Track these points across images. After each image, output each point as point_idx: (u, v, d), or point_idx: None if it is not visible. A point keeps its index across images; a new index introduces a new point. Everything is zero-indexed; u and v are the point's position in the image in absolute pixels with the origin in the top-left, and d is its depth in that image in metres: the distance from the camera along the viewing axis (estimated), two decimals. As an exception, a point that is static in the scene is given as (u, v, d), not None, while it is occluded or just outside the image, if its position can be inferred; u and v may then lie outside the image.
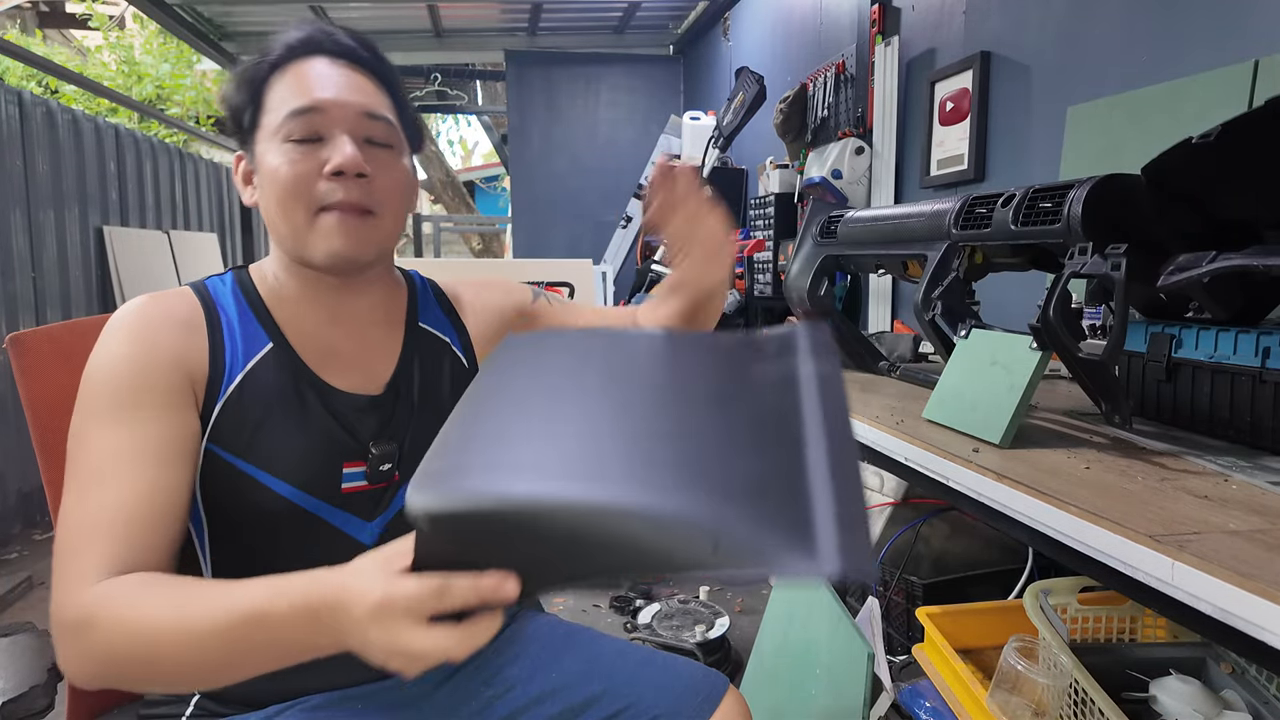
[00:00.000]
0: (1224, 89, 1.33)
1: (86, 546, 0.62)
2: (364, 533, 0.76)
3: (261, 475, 0.71)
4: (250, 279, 0.79)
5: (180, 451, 0.68)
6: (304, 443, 0.73)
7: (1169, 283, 0.83)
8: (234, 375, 0.72)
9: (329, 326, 0.78)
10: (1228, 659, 1.07)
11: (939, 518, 1.74)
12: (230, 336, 0.74)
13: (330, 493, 0.74)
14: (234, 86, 0.75)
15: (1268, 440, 0.83)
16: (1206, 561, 0.53)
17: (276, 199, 0.72)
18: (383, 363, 0.81)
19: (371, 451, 0.75)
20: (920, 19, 2.42)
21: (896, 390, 1.26)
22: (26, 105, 3.17)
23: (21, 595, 2.53)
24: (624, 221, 4.96)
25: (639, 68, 5.39)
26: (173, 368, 0.69)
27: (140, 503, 0.64)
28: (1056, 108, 1.79)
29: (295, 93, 0.72)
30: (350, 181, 0.71)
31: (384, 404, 0.78)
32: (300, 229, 0.72)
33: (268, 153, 0.72)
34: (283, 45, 0.75)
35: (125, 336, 0.69)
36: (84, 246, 3.58)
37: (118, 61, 6.52)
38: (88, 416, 0.67)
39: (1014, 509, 0.74)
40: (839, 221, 1.42)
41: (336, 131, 0.72)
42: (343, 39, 0.76)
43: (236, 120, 0.76)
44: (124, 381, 0.67)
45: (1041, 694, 1.00)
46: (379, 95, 0.76)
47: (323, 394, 0.75)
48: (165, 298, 0.74)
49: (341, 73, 0.74)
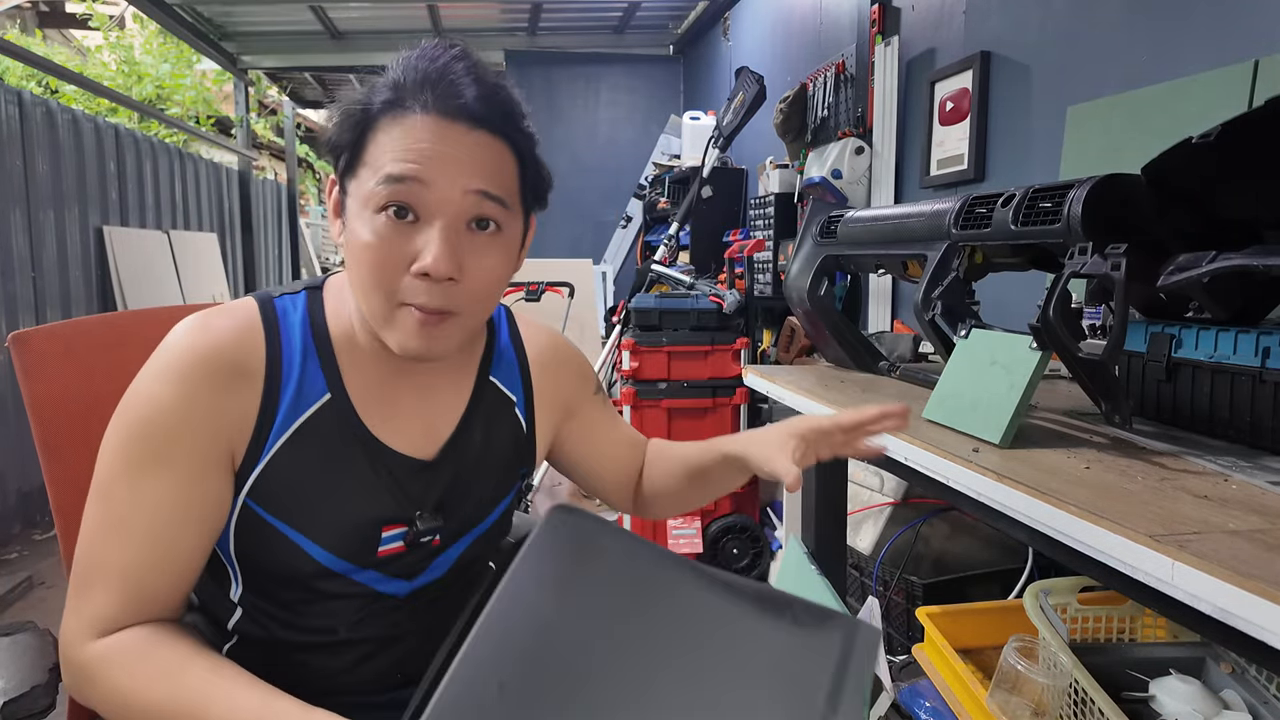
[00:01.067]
0: (1224, 89, 1.33)
1: (96, 591, 0.63)
2: (399, 589, 0.75)
3: (298, 538, 0.69)
4: (323, 312, 0.72)
5: (203, 516, 0.66)
6: (345, 509, 0.70)
7: (1169, 283, 0.83)
8: (285, 429, 0.68)
9: (394, 379, 0.73)
10: (1227, 659, 1.07)
11: (939, 518, 1.74)
12: (287, 382, 0.68)
13: (365, 558, 0.72)
14: (337, 125, 0.67)
15: (1267, 440, 0.83)
16: (1206, 561, 0.53)
17: (358, 278, 0.66)
18: (444, 420, 0.76)
19: (416, 525, 0.72)
20: (920, 19, 2.42)
21: (897, 390, 1.26)
22: (26, 105, 3.17)
23: (21, 595, 2.53)
24: (624, 221, 4.96)
25: (639, 68, 5.40)
26: (215, 431, 0.65)
27: (157, 563, 0.64)
28: (1056, 108, 1.79)
29: (396, 154, 0.62)
30: (435, 286, 0.64)
31: (436, 469, 0.74)
32: (377, 315, 0.66)
33: (356, 216, 0.65)
34: (393, 84, 0.65)
35: (173, 379, 0.64)
36: (84, 246, 3.58)
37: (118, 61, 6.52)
38: (120, 455, 0.65)
39: (1014, 509, 0.74)
40: (839, 221, 1.42)
41: (435, 216, 0.63)
42: (468, 96, 0.64)
43: (334, 158, 0.68)
44: (161, 433, 0.64)
45: (1041, 694, 1.00)
46: (498, 165, 0.66)
47: (373, 454, 0.71)
48: (227, 329, 0.67)
49: (457, 136, 0.64)
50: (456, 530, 0.76)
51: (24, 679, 0.67)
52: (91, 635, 0.63)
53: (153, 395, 0.65)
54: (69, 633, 0.64)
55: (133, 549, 0.64)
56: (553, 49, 5.36)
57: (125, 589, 0.63)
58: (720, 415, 2.53)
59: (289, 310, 0.71)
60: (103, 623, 0.63)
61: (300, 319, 0.71)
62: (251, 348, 0.68)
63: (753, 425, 2.55)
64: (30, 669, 0.68)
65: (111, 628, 0.63)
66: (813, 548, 1.45)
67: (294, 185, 6.99)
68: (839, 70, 2.83)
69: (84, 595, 0.64)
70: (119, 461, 0.65)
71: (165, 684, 0.59)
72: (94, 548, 0.64)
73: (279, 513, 0.68)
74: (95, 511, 0.65)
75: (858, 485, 1.92)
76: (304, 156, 10.13)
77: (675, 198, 4.09)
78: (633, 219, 4.85)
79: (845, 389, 1.27)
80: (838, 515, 1.47)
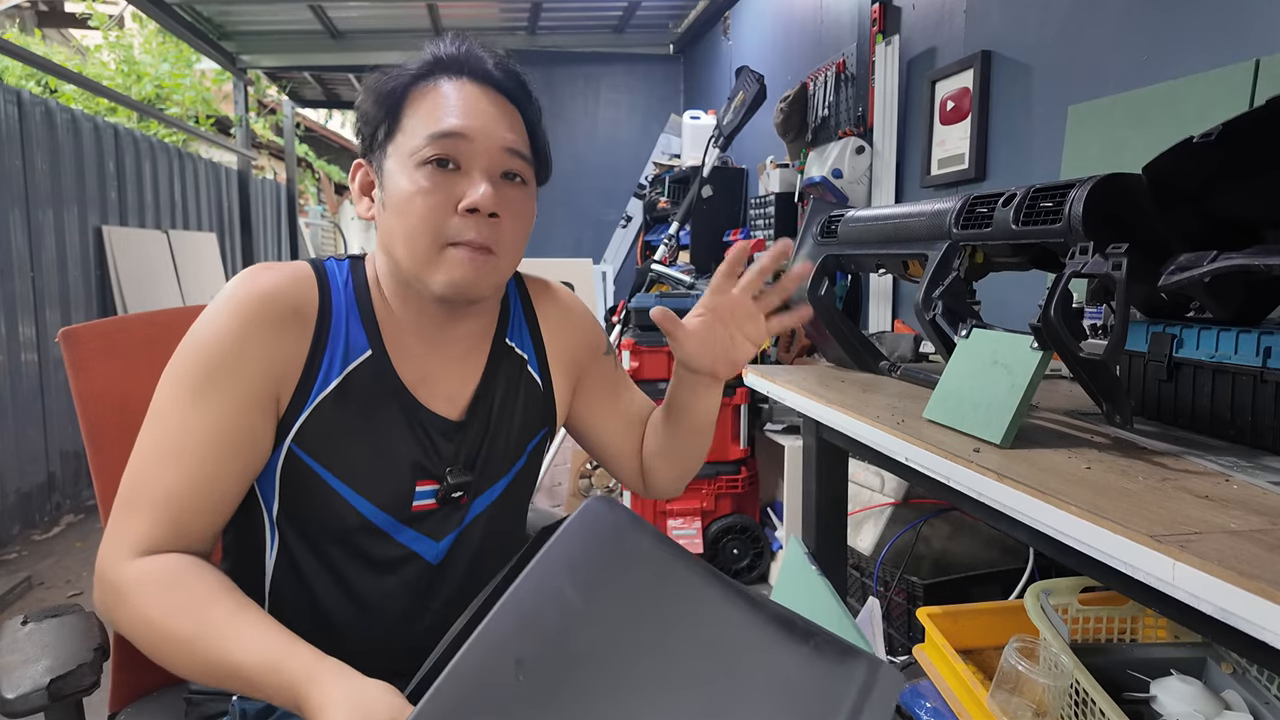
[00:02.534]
0: (1225, 88, 1.33)
1: (141, 513, 0.67)
2: (431, 551, 0.78)
3: (341, 487, 0.73)
4: (365, 276, 0.78)
5: (246, 447, 0.70)
6: (387, 460, 0.75)
7: (1170, 282, 0.83)
8: (330, 378, 0.73)
9: (426, 344, 0.78)
10: (1228, 659, 1.06)
11: (940, 518, 1.74)
12: (335, 335, 0.74)
13: (402, 511, 0.76)
14: (370, 97, 0.74)
15: (1268, 440, 0.82)
16: (1207, 561, 0.53)
17: (404, 225, 0.71)
18: (466, 382, 0.81)
19: (448, 480, 0.77)
20: (921, 18, 2.42)
21: (897, 390, 1.26)
22: (25, 104, 3.17)
23: (21, 595, 2.53)
24: (624, 221, 4.96)
25: (639, 67, 5.40)
26: (266, 368, 0.70)
27: (198, 491, 0.68)
28: (1057, 107, 1.79)
29: (439, 113, 0.71)
30: (481, 220, 0.70)
31: (464, 429, 0.79)
32: (422, 259, 0.71)
33: (399, 172, 0.71)
34: (429, 57, 0.74)
35: (233, 314, 0.69)
36: (83, 246, 3.57)
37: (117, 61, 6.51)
38: (177, 382, 0.69)
39: (1015, 509, 0.74)
40: (839, 221, 1.42)
41: (475, 164, 0.71)
42: (491, 66, 0.74)
43: (371, 131, 0.74)
44: (215, 364, 0.68)
45: (1042, 694, 1.00)
46: (520, 129, 0.75)
47: (410, 411, 0.76)
48: (285, 275, 0.73)
49: (488, 100, 0.73)
50: (480, 486, 0.81)
51: (70, 657, 0.71)
52: (129, 555, 0.65)
53: (213, 327, 0.69)
54: (108, 552, 0.66)
55: (179, 471, 0.67)
56: (552, 48, 5.35)
57: (168, 512, 0.66)
58: (720, 415, 2.52)
59: (335, 271, 0.77)
60: (142, 544, 0.66)
61: (345, 279, 0.77)
62: (307, 294, 0.73)
63: (753, 425, 2.55)
64: (76, 648, 0.72)
65: (149, 550, 0.66)
66: (813, 548, 1.45)
67: (293, 185, 6.99)
68: (839, 69, 2.83)
69: (127, 517, 0.67)
70: (176, 388, 0.69)
71: (190, 617, 0.61)
72: (143, 470, 0.68)
73: (324, 460, 0.72)
74: (148, 436, 0.69)
75: (858, 485, 1.92)
76: (303, 156, 10.13)
77: (675, 197, 4.09)
78: (633, 219, 4.84)
79: (845, 389, 1.27)
80: (838, 515, 1.47)
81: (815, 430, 1.38)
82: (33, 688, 0.66)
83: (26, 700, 0.66)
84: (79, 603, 0.82)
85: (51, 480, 3.30)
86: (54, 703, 0.67)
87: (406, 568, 0.77)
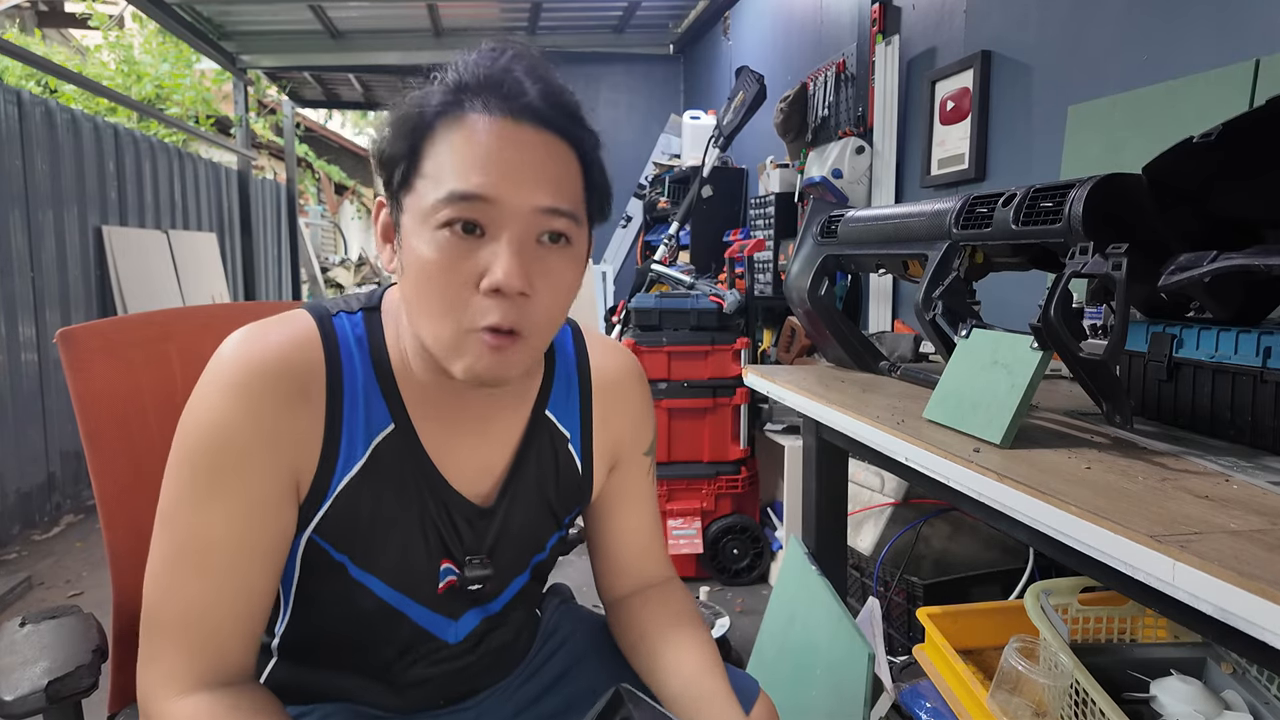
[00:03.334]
0: (1225, 88, 1.32)
1: (173, 638, 0.61)
2: (449, 632, 0.74)
3: (363, 576, 0.67)
4: (382, 335, 0.68)
5: (273, 549, 0.64)
6: (412, 546, 0.68)
7: (1170, 282, 0.83)
8: (353, 461, 0.65)
9: (452, 412, 0.69)
10: (1228, 659, 1.06)
11: (940, 518, 1.74)
12: (351, 409, 0.65)
13: (427, 595, 0.71)
14: (391, 134, 0.62)
15: (1268, 440, 0.82)
16: (1207, 561, 0.53)
17: (419, 300, 0.61)
18: (498, 457, 0.73)
19: (464, 571, 0.71)
20: (921, 18, 2.42)
21: (897, 390, 1.26)
22: (25, 105, 3.17)
23: (21, 595, 2.52)
24: (624, 221, 4.95)
25: (639, 67, 5.39)
26: (280, 451, 0.62)
27: (228, 602, 0.62)
28: (1057, 107, 1.79)
29: (461, 168, 0.58)
30: (506, 303, 0.59)
31: (491, 516, 0.72)
32: (445, 343, 0.61)
33: (417, 234, 0.60)
34: (455, 80, 0.60)
35: (232, 391, 0.60)
36: (83, 246, 3.57)
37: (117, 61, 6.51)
38: (185, 476, 0.61)
39: (1015, 509, 0.74)
40: (839, 221, 1.42)
41: (504, 230, 0.59)
42: (533, 96, 0.60)
43: (388, 172, 0.62)
44: (227, 450, 0.60)
45: (1042, 694, 1.00)
46: (567, 172, 0.62)
47: (437, 492, 0.69)
48: (284, 342, 0.63)
49: (525, 142, 0.60)
50: (501, 581, 0.75)
51: (68, 659, 0.70)
52: (173, 693, 0.61)
53: (215, 411, 0.60)
54: (147, 687, 0.62)
55: (204, 583, 0.61)
56: (552, 48, 5.26)
57: (200, 633, 0.61)
58: (720, 415, 2.52)
59: (347, 332, 0.67)
60: (181, 678, 0.61)
61: (359, 341, 0.67)
62: (312, 365, 0.64)
63: (753, 425, 2.55)
64: (75, 650, 0.72)
65: (192, 685, 0.61)
66: (813, 548, 1.45)
67: (293, 185, 6.99)
68: (839, 69, 2.83)
69: (160, 642, 0.62)
70: (184, 486, 0.61)
71: None
72: (166, 584, 0.62)
73: (348, 549, 0.66)
74: (164, 544, 0.62)
75: (858, 485, 1.92)
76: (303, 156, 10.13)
77: (675, 197, 4.09)
78: (633, 219, 4.84)
79: (845, 389, 1.27)
80: (838, 515, 1.47)
81: (815, 430, 1.38)
82: (31, 689, 0.66)
83: (25, 702, 0.65)
84: (78, 603, 0.81)
85: (51, 480, 3.29)
86: (52, 705, 0.67)
87: (420, 646, 0.73)
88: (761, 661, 1.52)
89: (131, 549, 0.85)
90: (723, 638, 1.95)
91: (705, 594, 2.46)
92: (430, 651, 0.74)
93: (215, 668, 0.62)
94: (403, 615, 0.70)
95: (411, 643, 0.72)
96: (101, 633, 0.77)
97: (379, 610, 0.69)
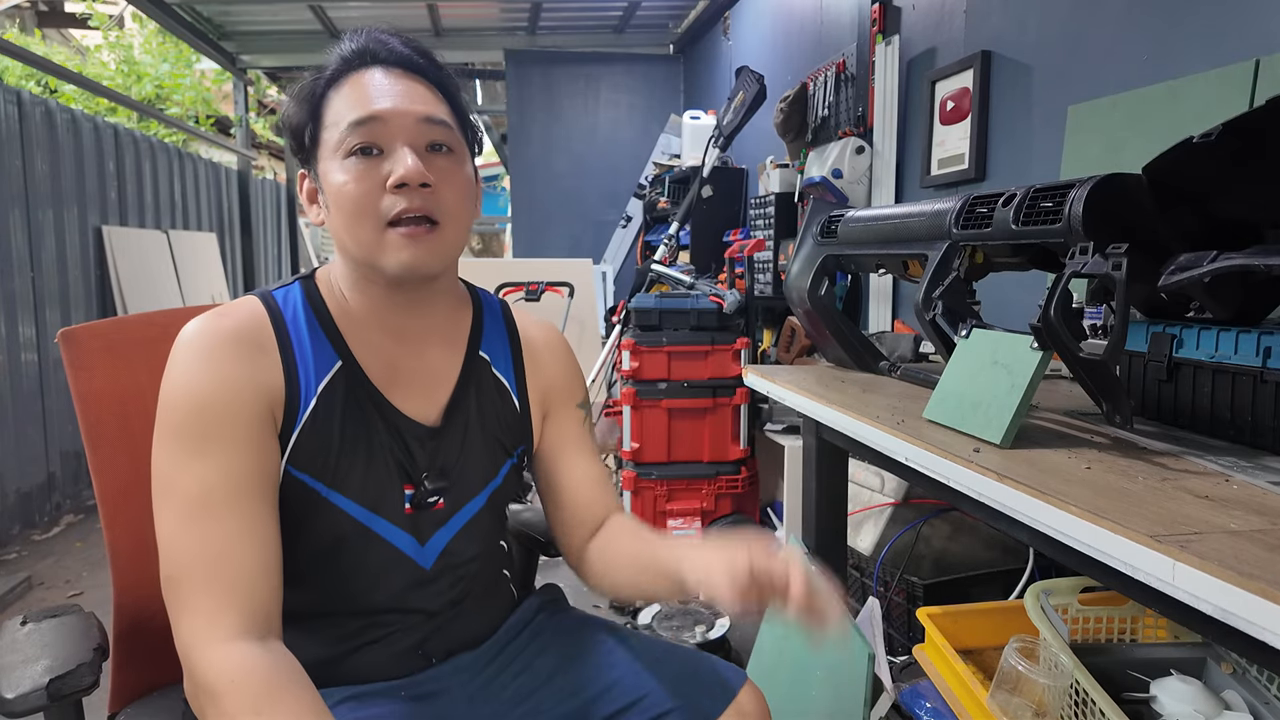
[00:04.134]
0: (1225, 88, 1.32)
1: (198, 588, 0.64)
2: (422, 556, 0.79)
3: (335, 497, 0.74)
4: (318, 291, 0.78)
5: (267, 482, 0.70)
6: (374, 465, 0.75)
7: (1170, 282, 0.83)
8: (309, 396, 0.73)
9: (394, 344, 0.79)
10: (1228, 659, 1.06)
11: (940, 518, 1.74)
12: (301, 355, 0.74)
13: (395, 514, 0.77)
14: (293, 104, 0.75)
15: (1268, 440, 0.82)
16: (1207, 562, 0.53)
17: (344, 216, 0.72)
18: (441, 386, 0.81)
19: (424, 484, 0.77)
20: (921, 18, 2.42)
21: (897, 390, 1.26)
22: (25, 105, 3.17)
23: (21, 595, 2.52)
24: (624, 221, 4.96)
25: (639, 67, 5.39)
26: (252, 394, 0.69)
27: (247, 543, 0.66)
28: (1057, 107, 1.79)
29: (353, 105, 0.72)
30: (414, 192, 0.71)
31: (441, 435, 0.79)
32: (369, 245, 0.72)
33: (331, 170, 0.72)
34: (337, 58, 0.75)
35: (198, 359, 0.69)
36: (83, 246, 3.57)
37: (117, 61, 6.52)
38: (174, 445, 0.67)
39: (1015, 509, 0.74)
40: (839, 221, 1.42)
41: (397, 143, 0.72)
42: (397, 47, 0.76)
43: (298, 139, 0.76)
44: (207, 411, 0.67)
45: (1042, 694, 1.00)
46: (437, 101, 0.76)
47: (388, 416, 0.77)
48: (233, 314, 0.73)
49: (398, 81, 0.74)
50: (457, 498, 0.81)
51: (69, 657, 0.70)
52: (211, 640, 0.63)
53: (187, 379, 0.68)
54: (185, 637, 0.64)
55: (215, 524, 0.65)
56: (553, 49, 5.35)
57: (225, 574, 0.65)
58: (720, 415, 2.53)
59: (285, 296, 0.77)
60: (217, 626, 0.63)
61: (299, 300, 0.77)
62: (260, 327, 0.73)
63: (753, 425, 2.55)
64: (76, 648, 0.72)
65: (228, 629, 0.63)
66: (813, 548, 1.45)
67: (293, 185, 6.99)
68: (839, 69, 2.83)
69: (187, 595, 0.64)
70: (175, 454, 0.67)
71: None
72: (180, 542, 0.65)
73: (319, 474, 0.73)
74: (166, 511, 0.67)
75: (858, 485, 1.92)
76: (304, 156, 10.10)
77: (675, 197, 4.09)
78: (633, 219, 4.84)
79: (845, 389, 1.27)
80: (838, 515, 1.47)
81: (815, 430, 1.38)
82: (32, 688, 0.66)
83: (26, 700, 0.66)
84: (78, 603, 0.82)
85: (51, 480, 3.29)
86: (53, 703, 0.67)
87: (397, 569, 0.78)
88: (761, 661, 1.52)
89: (131, 549, 0.86)
90: (723, 638, 1.95)
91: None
92: (406, 575, 0.78)
93: (250, 611, 0.65)
94: (376, 535, 0.76)
95: (387, 565, 0.77)
96: (102, 631, 0.77)
97: (354, 531, 0.75)
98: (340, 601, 0.77)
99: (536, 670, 0.84)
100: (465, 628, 0.84)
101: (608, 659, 0.85)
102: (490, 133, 7.97)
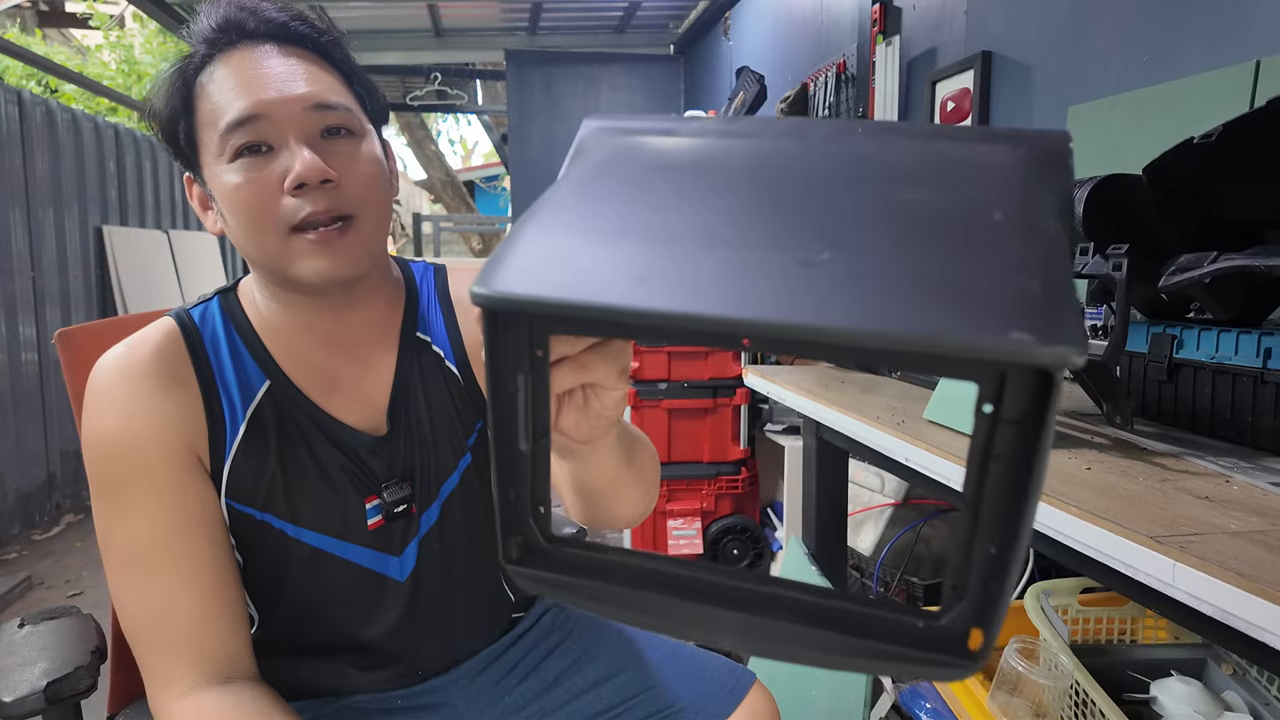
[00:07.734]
0: (1225, 89, 1.32)
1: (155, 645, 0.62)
2: (393, 568, 0.74)
3: (287, 527, 0.69)
4: (239, 305, 0.71)
5: (204, 522, 0.65)
6: (324, 487, 0.70)
7: (1170, 283, 0.83)
8: (237, 424, 0.67)
9: (326, 353, 0.71)
10: (1229, 660, 1.06)
11: (940, 518, 1.74)
12: (223, 380, 0.67)
13: (358, 534, 0.71)
14: (158, 101, 0.65)
15: (1269, 441, 0.82)
16: (1207, 562, 0.53)
17: (241, 226, 0.63)
18: (380, 385, 0.74)
19: (384, 497, 0.72)
20: (921, 19, 2.42)
21: (897, 391, 1.26)
22: (26, 104, 3.17)
23: (21, 595, 2.53)
24: (624, 221, 4.95)
25: (639, 67, 5.39)
26: (166, 434, 0.64)
27: (190, 592, 0.63)
28: (1057, 108, 1.79)
29: (228, 100, 0.61)
30: (316, 192, 0.62)
31: (390, 442, 0.73)
32: (275, 253, 0.63)
33: (218, 174, 0.63)
34: (200, 39, 0.64)
35: (106, 402, 0.64)
36: (83, 246, 3.57)
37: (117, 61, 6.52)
38: (99, 500, 0.64)
39: (1015, 510, 0.73)
40: (839, 221, 1.42)
41: (288, 137, 0.62)
42: (268, 12, 0.64)
43: (172, 140, 0.66)
44: (120, 461, 0.63)
45: (1042, 695, 1.00)
46: (325, 76, 0.65)
47: (329, 431, 0.70)
48: (144, 343, 0.66)
49: (276, 60, 0.63)
50: (428, 492, 0.75)
51: (67, 660, 0.70)
52: (170, 695, 0.61)
53: (96, 427, 0.64)
54: (151, 700, 0.63)
55: (150, 583, 0.62)
56: (553, 49, 5.35)
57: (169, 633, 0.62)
58: (721, 415, 2.52)
59: (204, 314, 0.71)
60: (173, 682, 0.62)
61: (218, 318, 0.70)
62: (174, 354, 0.66)
63: (753, 426, 2.54)
64: (74, 651, 0.71)
65: (185, 684, 0.61)
66: (813, 548, 1.44)
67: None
68: (840, 70, 2.83)
69: (143, 657, 0.63)
70: (103, 506, 0.64)
71: None
72: (122, 605, 0.63)
73: (261, 504, 0.67)
74: (108, 567, 0.64)
75: (858, 486, 1.92)
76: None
77: (675, 197, 4.08)
78: (633, 219, 4.83)
79: (845, 389, 1.27)
80: (838, 516, 1.47)
81: (815, 430, 1.38)
82: (29, 691, 0.66)
83: (23, 704, 0.65)
84: (78, 603, 0.82)
85: (51, 480, 3.30)
86: (51, 706, 0.67)
87: (369, 588, 0.73)
88: (762, 662, 1.52)
89: (131, 549, 0.85)
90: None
91: (705, 594, 2.46)
92: (381, 592, 0.73)
93: (202, 661, 0.62)
94: (344, 561, 0.71)
95: (361, 587, 0.72)
96: (100, 633, 0.77)
97: (317, 559, 0.70)
98: (318, 628, 0.73)
99: (543, 673, 0.83)
100: (461, 635, 0.81)
101: (616, 659, 0.84)
102: (491, 132, 7.96)
